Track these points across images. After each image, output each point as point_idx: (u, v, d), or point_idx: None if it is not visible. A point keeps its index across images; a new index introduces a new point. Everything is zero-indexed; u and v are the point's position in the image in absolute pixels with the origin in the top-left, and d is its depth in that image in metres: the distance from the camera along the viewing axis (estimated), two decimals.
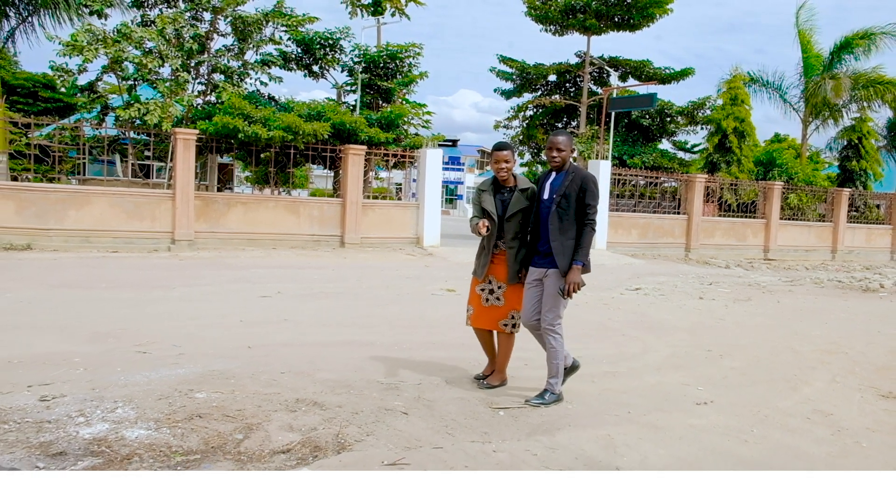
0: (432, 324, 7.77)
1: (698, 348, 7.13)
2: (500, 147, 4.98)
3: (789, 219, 24.01)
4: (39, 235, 13.55)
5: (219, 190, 20.46)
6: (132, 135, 16.35)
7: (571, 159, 4.87)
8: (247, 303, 8.87)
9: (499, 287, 5.04)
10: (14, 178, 15.20)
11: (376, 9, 20.72)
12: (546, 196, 4.77)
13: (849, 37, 26.11)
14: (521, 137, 29.41)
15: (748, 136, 24.98)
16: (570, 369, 5.02)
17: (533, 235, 4.91)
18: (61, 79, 14.57)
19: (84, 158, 17.19)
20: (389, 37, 21.99)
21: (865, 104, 27.31)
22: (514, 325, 5.08)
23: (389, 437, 3.87)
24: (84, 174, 21.52)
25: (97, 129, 15.92)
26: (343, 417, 4.15)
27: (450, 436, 4.01)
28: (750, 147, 25.16)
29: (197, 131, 14.92)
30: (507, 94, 28.84)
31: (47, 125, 16.71)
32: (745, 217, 23.26)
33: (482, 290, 5.07)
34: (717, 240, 22.11)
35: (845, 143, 27.81)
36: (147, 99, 15.84)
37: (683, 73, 27.09)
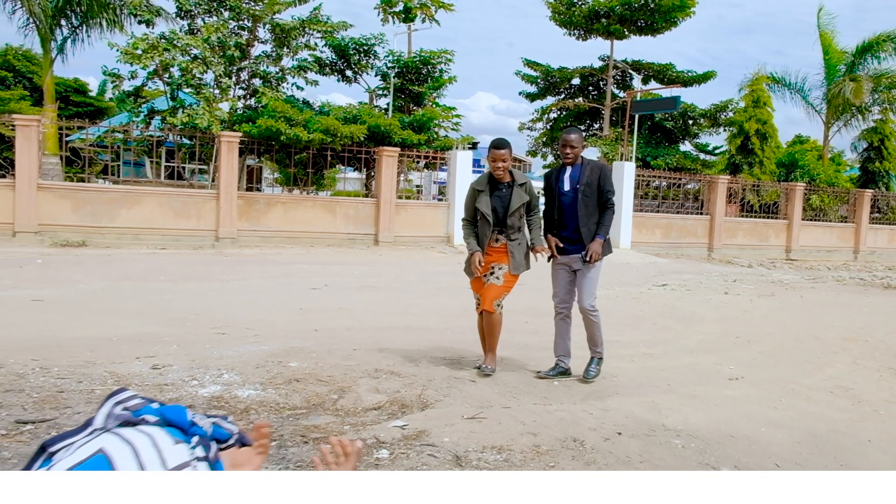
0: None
1: (727, 335, 7.65)
2: (499, 145, 5.05)
3: (811, 220, 24.32)
4: (93, 233, 14.31)
5: (248, 191, 21.20)
6: (177, 138, 17.09)
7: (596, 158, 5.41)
8: (299, 294, 9.50)
9: (500, 269, 5.14)
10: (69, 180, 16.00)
11: (407, 16, 21.41)
12: (567, 188, 5.21)
13: (872, 39, 26.32)
14: (544, 139, 29.94)
15: (770, 138, 25.30)
16: (566, 373, 5.32)
17: (557, 226, 5.28)
18: (114, 84, 15.40)
19: (131, 159, 17.98)
20: (407, 41, 22.68)
21: (888, 105, 27.50)
22: (499, 305, 5.18)
23: (464, 399, 4.46)
24: (119, 176, 22.38)
25: (144, 132, 16.70)
26: (420, 383, 4.74)
27: (515, 399, 4.60)
28: (772, 149, 25.48)
29: (240, 134, 15.66)
30: (532, 97, 29.39)
31: (88, 128, 17.45)
32: (768, 218, 23.61)
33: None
34: (739, 240, 22.49)
35: (867, 144, 28.01)
36: (190, 104, 16.59)
37: (706, 77, 27.47)
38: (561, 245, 5.23)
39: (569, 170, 5.26)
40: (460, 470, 3.31)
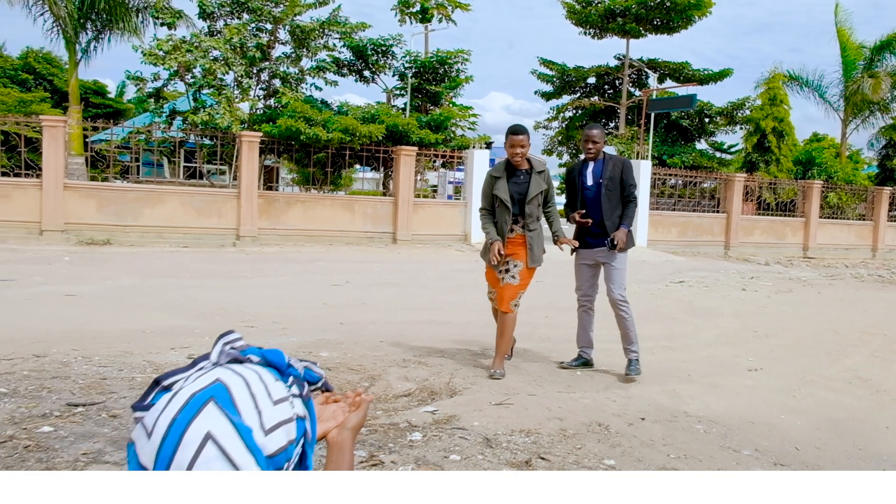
0: None
1: (745, 329, 7.74)
2: (516, 131, 4.94)
3: (829, 217, 24.23)
4: (118, 231, 14.58)
5: (266, 190, 21.44)
6: (198, 138, 17.35)
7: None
8: (322, 290, 9.69)
9: (515, 266, 5.03)
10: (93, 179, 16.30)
11: (424, 16, 21.61)
12: (591, 182, 5.34)
13: (890, 35, 26.15)
14: (560, 138, 29.98)
15: (787, 136, 25.24)
16: (588, 363, 5.46)
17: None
18: (137, 87, 15.71)
19: (153, 160, 18.29)
20: (422, 41, 22.88)
21: None
22: (516, 305, 5.10)
23: (490, 387, 4.61)
24: (139, 176, 22.71)
25: (166, 132, 16.99)
26: (447, 372, 4.90)
27: (540, 387, 4.74)
28: (789, 147, 25.42)
29: (260, 134, 15.89)
30: (547, 96, 29.44)
31: (112, 128, 17.73)
32: (785, 216, 23.55)
33: (497, 269, 5.11)
34: (756, 238, 22.45)
35: (885, 141, 27.85)
36: (211, 104, 16.85)
37: (722, 75, 27.40)
38: (583, 211, 5.28)
39: (591, 165, 5.38)
40: (491, 451, 3.45)
